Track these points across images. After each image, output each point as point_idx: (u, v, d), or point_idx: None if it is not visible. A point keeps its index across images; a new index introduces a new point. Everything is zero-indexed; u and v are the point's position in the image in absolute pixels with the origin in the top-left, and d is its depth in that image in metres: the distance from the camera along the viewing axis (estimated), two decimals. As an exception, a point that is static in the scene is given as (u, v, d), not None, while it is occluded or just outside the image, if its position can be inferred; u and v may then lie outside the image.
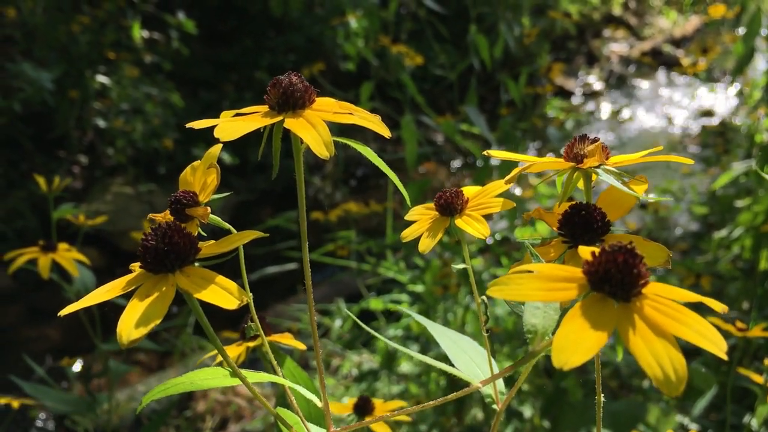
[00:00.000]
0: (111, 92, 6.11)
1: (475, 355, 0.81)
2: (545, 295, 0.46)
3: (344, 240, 3.93)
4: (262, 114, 0.62)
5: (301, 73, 1.88)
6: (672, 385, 0.41)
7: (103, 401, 2.02)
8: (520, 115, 4.00)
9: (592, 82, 9.84)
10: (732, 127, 5.44)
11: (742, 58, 3.78)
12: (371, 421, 0.72)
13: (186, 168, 0.72)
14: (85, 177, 6.24)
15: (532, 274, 0.47)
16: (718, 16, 4.28)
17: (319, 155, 0.56)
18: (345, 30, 5.33)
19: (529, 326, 0.50)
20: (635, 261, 0.45)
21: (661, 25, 11.93)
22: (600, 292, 0.46)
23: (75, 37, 6.08)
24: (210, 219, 0.67)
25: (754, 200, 3.60)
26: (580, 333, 0.42)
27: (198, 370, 0.71)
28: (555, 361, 0.41)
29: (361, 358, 3.57)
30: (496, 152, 0.69)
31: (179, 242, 0.56)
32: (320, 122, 0.59)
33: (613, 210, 0.66)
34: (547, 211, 0.68)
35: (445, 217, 0.75)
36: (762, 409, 1.68)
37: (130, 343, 0.51)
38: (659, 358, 0.42)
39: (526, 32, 4.36)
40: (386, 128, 0.61)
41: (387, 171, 0.64)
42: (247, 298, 0.54)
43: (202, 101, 6.85)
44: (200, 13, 7.26)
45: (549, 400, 2.86)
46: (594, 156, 0.63)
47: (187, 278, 0.55)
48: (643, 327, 0.43)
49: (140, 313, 0.52)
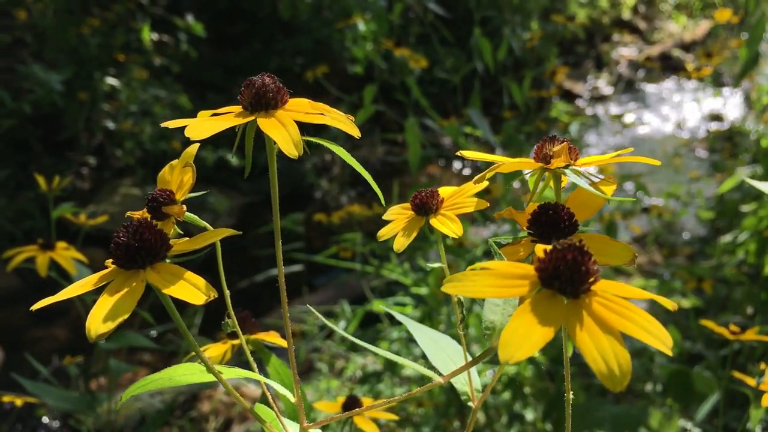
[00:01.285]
0: (120, 94, 6.15)
1: (454, 354, 0.81)
2: (498, 292, 0.47)
3: (349, 242, 3.94)
4: (235, 114, 0.64)
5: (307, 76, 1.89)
6: (616, 379, 0.42)
7: (104, 400, 2.04)
8: (524, 118, 4.01)
9: (601, 86, 9.83)
10: (740, 132, 5.42)
11: (747, 62, 3.77)
12: (347, 414, 0.73)
13: (164, 167, 0.73)
14: (93, 178, 6.28)
15: (487, 271, 0.48)
16: (723, 21, 4.27)
17: (288, 154, 0.58)
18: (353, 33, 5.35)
19: (488, 323, 0.51)
20: (584, 258, 0.46)
21: (670, 30, 11.89)
22: (550, 288, 0.47)
23: (85, 39, 6.12)
24: (186, 217, 0.68)
25: (759, 205, 3.59)
26: (528, 328, 0.43)
27: (176, 366, 0.73)
28: (501, 355, 0.42)
29: (366, 360, 3.58)
30: (469, 153, 0.70)
31: (150, 239, 0.57)
32: (291, 122, 0.60)
33: (582, 210, 0.67)
34: (518, 211, 0.69)
35: (420, 216, 0.76)
36: (756, 413, 1.67)
37: (98, 337, 0.52)
38: (604, 354, 0.43)
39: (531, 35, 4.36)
40: (356, 129, 0.62)
41: (360, 170, 0.65)
42: (214, 294, 0.55)
43: (210, 103, 6.89)
44: (209, 16, 7.31)
45: (551, 403, 2.86)
46: (560, 157, 0.64)
47: (157, 274, 0.57)
48: (590, 323, 0.44)
49: (109, 308, 0.53)
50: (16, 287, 4.95)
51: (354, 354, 3.58)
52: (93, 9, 6.44)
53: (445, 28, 3.86)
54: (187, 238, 0.63)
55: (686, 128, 8.09)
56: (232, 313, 0.74)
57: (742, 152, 4.99)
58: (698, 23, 11.44)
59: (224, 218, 5.79)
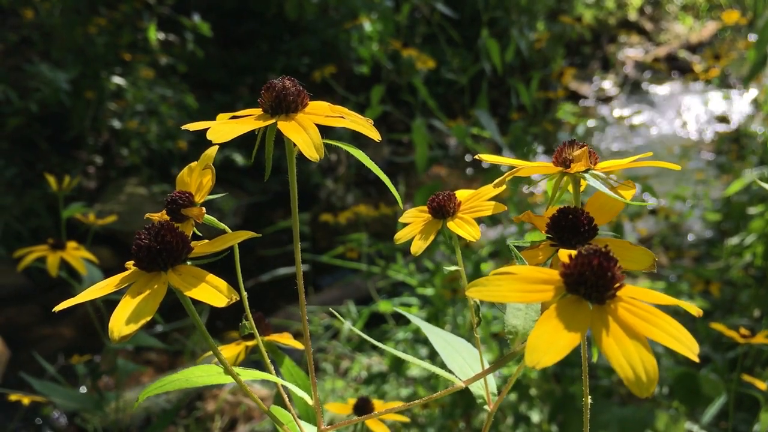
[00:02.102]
0: (126, 93, 6.16)
1: (469, 357, 0.82)
2: (523, 297, 0.47)
3: (355, 243, 3.94)
4: (255, 117, 0.64)
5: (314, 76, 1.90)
6: (643, 385, 0.42)
7: (111, 399, 2.04)
8: (531, 119, 4.00)
9: (607, 87, 9.81)
10: (747, 134, 5.41)
11: (755, 64, 3.76)
12: (364, 418, 0.73)
13: (183, 169, 0.73)
14: (99, 177, 6.29)
15: (510, 275, 0.48)
16: (731, 22, 4.27)
17: (309, 158, 0.58)
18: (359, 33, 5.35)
19: (510, 327, 0.51)
20: (610, 264, 0.46)
21: (677, 31, 11.86)
22: (575, 294, 0.47)
23: (91, 39, 6.14)
24: (205, 219, 0.69)
25: (767, 207, 3.58)
26: (554, 334, 0.43)
27: (194, 367, 0.73)
28: (527, 360, 0.42)
29: (371, 360, 3.58)
30: (487, 156, 0.70)
31: (171, 241, 0.57)
32: (311, 125, 0.60)
33: (601, 214, 0.66)
34: (537, 215, 0.69)
35: (437, 219, 0.76)
36: (765, 417, 1.67)
37: (121, 339, 0.52)
38: (631, 360, 0.43)
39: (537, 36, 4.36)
40: (376, 132, 0.63)
41: (378, 172, 0.65)
42: (236, 297, 0.55)
43: (216, 103, 6.90)
44: (216, 16, 7.32)
45: (557, 405, 2.86)
46: (581, 161, 0.64)
47: (179, 276, 0.57)
48: (616, 329, 0.44)
49: (131, 310, 0.53)
50: (23, 286, 4.96)
51: (359, 354, 3.58)
52: (100, 8, 6.45)
53: (453, 29, 3.86)
54: (206, 240, 0.63)
55: (693, 130, 8.08)
56: (249, 315, 0.75)
57: (749, 154, 4.98)
58: (704, 24, 11.41)
59: (230, 218, 5.80)
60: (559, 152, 0.67)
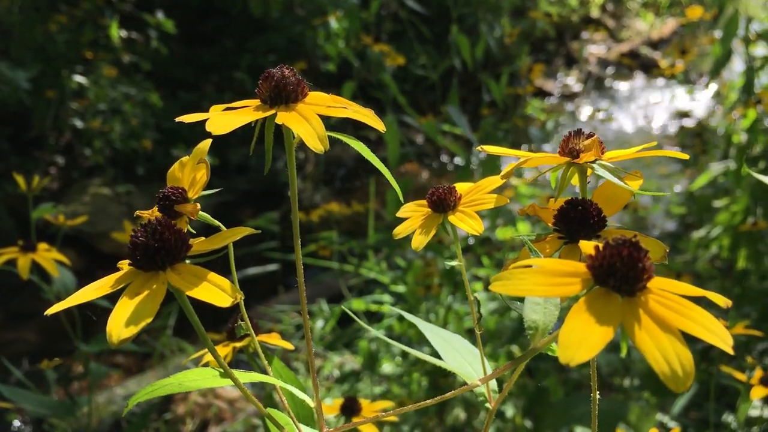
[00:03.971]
0: (88, 92, 6.04)
1: (467, 354, 0.80)
2: (549, 290, 0.45)
3: (326, 241, 3.91)
4: (253, 108, 0.61)
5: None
6: (679, 380, 0.40)
7: (83, 404, 1.99)
8: (501, 115, 4.01)
9: (571, 84, 9.90)
10: (709, 128, 5.50)
11: (720, 59, 3.81)
12: (363, 421, 0.71)
13: (174, 164, 0.70)
14: (62, 178, 6.16)
15: (534, 269, 0.46)
16: (695, 18, 4.32)
17: (314, 149, 0.55)
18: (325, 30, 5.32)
19: (530, 322, 0.49)
20: (640, 255, 0.44)
21: (638, 28, 12.02)
22: (604, 286, 0.45)
23: (52, 37, 6.00)
24: (199, 216, 0.66)
25: (732, 200, 3.64)
26: (586, 328, 0.41)
27: (186, 371, 0.70)
28: (561, 357, 0.40)
29: (343, 359, 3.55)
30: (490, 147, 0.68)
31: (170, 239, 0.54)
32: (314, 116, 0.58)
33: (608, 205, 0.65)
34: (542, 207, 0.67)
35: (437, 213, 0.74)
36: (744, 407, 1.69)
37: (120, 342, 0.49)
38: (666, 354, 0.41)
39: (507, 33, 4.37)
40: (380, 122, 0.60)
41: (379, 166, 0.63)
42: (241, 296, 0.53)
43: (181, 102, 6.80)
44: (180, 13, 7.21)
45: (530, 399, 2.87)
46: (591, 151, 0.62)
47: (178, 275, 0.54)
48: (648, 322, 0.43)
49: (130, 312, 0.50)
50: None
51: (331, 353, 3.56)
52: (60, 5, 6.31)
53: (422, 25, 3.85)
54: (203, 238, 0.61)
55: (656, 125, 8.19)
56: (245, 316, 0.72)
57: (712, 148, 5.06)
58: (665, 22, 11.58)
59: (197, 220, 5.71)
60: (566, 142, 0.65)
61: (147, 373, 3.97)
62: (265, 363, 0.76)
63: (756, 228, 3.15)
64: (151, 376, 3.79)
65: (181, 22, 6.75)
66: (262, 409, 0.67)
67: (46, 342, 4.41)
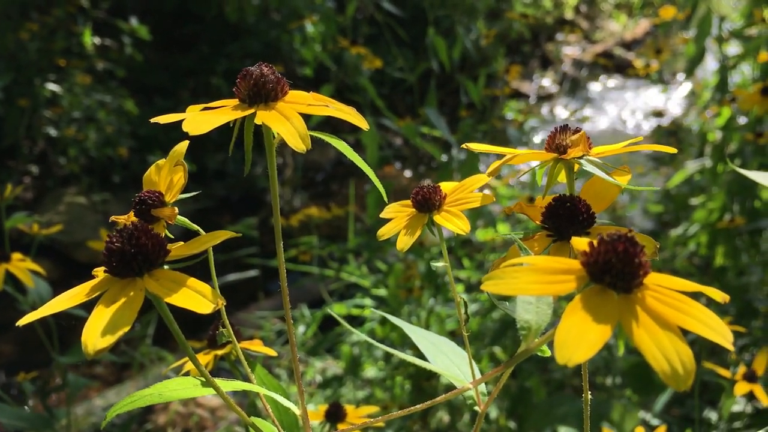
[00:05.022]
0: (62, 100, 5.95)
1: (455, 357, 0.78)
2: (543, 288, 0.43)
3: (306, 245, 3.89)
4: (232, 107, 0.59)
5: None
6: (680, 378, 0.39)
7: (61, 416, 1.94)
8: (479, 117, 4.01)
9: (547, 85, 9.96)
10: (684, 127, 5.55)
11: (694, 58, 3.85)
12: (350, 429, 0.69)
13: (150, 167, 0.68)
14: (36, 187, 6.08)
15: (527, 267, 0.45)
16: (668, 18, 4.36)
17: (296, 148, 0.53)
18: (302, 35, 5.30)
19: (523, 322, 0.48)
20: (636, 250, 0.43)
21: (611, 29, 12.13)
22: (600, 283, 0.44)
23: (24, 45, 5.92)
24: (177, 220, 0.63)
25: (708, 197, 3.66)
26: (583, 327, 0.40)
27: (166, 380, 0.68)
28: (558, 357, 0.39)
29: (325, 364, 3.53)
30: (475, 145, 0.67)
31: (146, 243, 0.52)
32: (295, 114, 0.56)
33: (597, 202, 0.64)
34: (528, 205, 0.66)
35: (423, 213, 0.73)
36: (728, 402, 1.69)
37: (96, 353, 0.47)
38: (665, 351, 0.40)
39: (483, 34, 4.38)
40: (363, 119, 0.59)
41: (361, 164, 0.61)
42: (222, 302, 0.51)
43: (157, 108, 6.74)
44: (155, 19, 7.15)
45: (514, 400, 2.87)
46: (578, 146, 0.61)
47: (156, 282, 0.52)
48: (646, 319, 0.41)
49: (107, 321, 0.48)
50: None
51: (313, 358, 3.53)
52: (32, 13, 6.22)
53: (399, 27, 3.84)
54: (181, 243, 0.58)
55: (630, 125, 8.26)
56: (227, 322, 0.70)
57: (687, 147, 5.10)
58: (638, 22, 11.70)
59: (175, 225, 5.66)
60: (552, 138, 0.64)
61: (126, 383, 3.92)
62: (248, 370, 0.73)
63: (733, 224, 3.18)
64: (130, 386, 3.74)
65: (155, 28, 6.70)
66: (245, 418, 0.65)
67: (22, 354, 4.34)
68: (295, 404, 0.70)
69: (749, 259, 3.37)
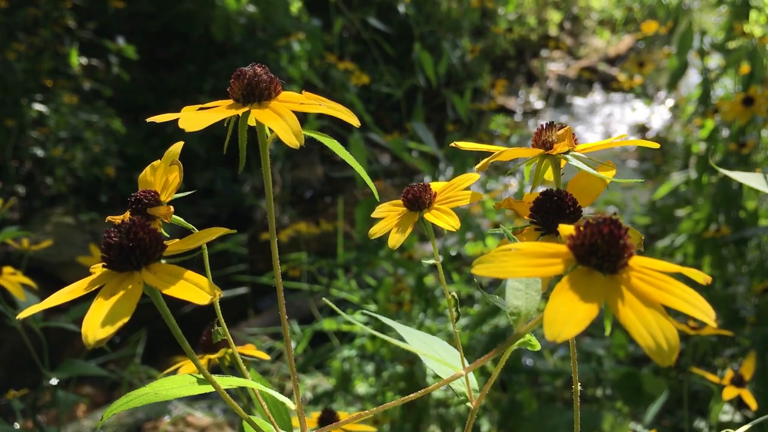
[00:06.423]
0: (49, 120, 5.95)
1: (447, 355, 0.79)
2: (531, 271, 0.45)
3: (296, 261, 3.89)
4: (226, 106, 0.61)
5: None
6: (664, 353, 0.40)
7: (51, 434, 1.93)
8: (466, 131, 4.05)
9: (532, 101, 10.05)
10: (668, 141, 5.61)
11: (676, 71, 3.91)
12: (342, 423, 0.70)
13: (145, 168, 0.69)
14: (23, 208, 6.05)
15: (516, 251, 0.46)
16: (651, 33, 4.42)
17: (290, 145, 0.55)
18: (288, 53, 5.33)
19: (513, 308, 0.49)
20: (620, 232, 0.45)
21: (595, 45, 12.27)
22: (586, 265, 0.45)
23: (10, 65, 5.91)
24: (173, 219, 0.65)
25: (694, 208, 3.70)
26: (571, 305, 0.41)
27: (163, 379, 0.68)
28: (548, 334, 0.40)
29: (316, 380, 3.52)
30: (465, 143, 0.69)
31: (144, 238, 0.53)
32: (288, 112, 0.58)
33: (583, 196, 0.66)
34: (517, 201, 0.68)
35: (413, 211, 0.74)
36: (717, 407, 1.70)
37: (96, 343, 0.48)
38: (650, 328, 0.41)
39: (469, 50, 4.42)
40: (356, 118, 0.60)
41: (356, 165, 0.63)
42: (219, 293, 0.52)
43: (144, 127, 6.74)
44: (141, 39, 7.17)
45: (505, 413, 2.87)
46: (563, 141, 0.63)
47: (153, 275, 0.53)
48: (631, 298, 0.43)
49: (106, 312, 0.49)
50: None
51: (303, 375, 3.52)
52: (18, 33, 6.23)
53: (386, 44, 3.88)
54: (177, 239, 0.60)
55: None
56: (222, 321, 0.71)
57: (672, 159, 5.15)
58: (621, 38, 11.84)
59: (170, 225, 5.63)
60: (539, 134, 0.65)
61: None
62: (243, 369, 0.74)
63: (719, 234, 3.21)
64: (119, 405, 3.70)
65: (141, 47, 6.71)
66: (244, 415, 0.65)
67: (9, 374, 4.30)
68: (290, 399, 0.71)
69: (735, 268, 3.40)
